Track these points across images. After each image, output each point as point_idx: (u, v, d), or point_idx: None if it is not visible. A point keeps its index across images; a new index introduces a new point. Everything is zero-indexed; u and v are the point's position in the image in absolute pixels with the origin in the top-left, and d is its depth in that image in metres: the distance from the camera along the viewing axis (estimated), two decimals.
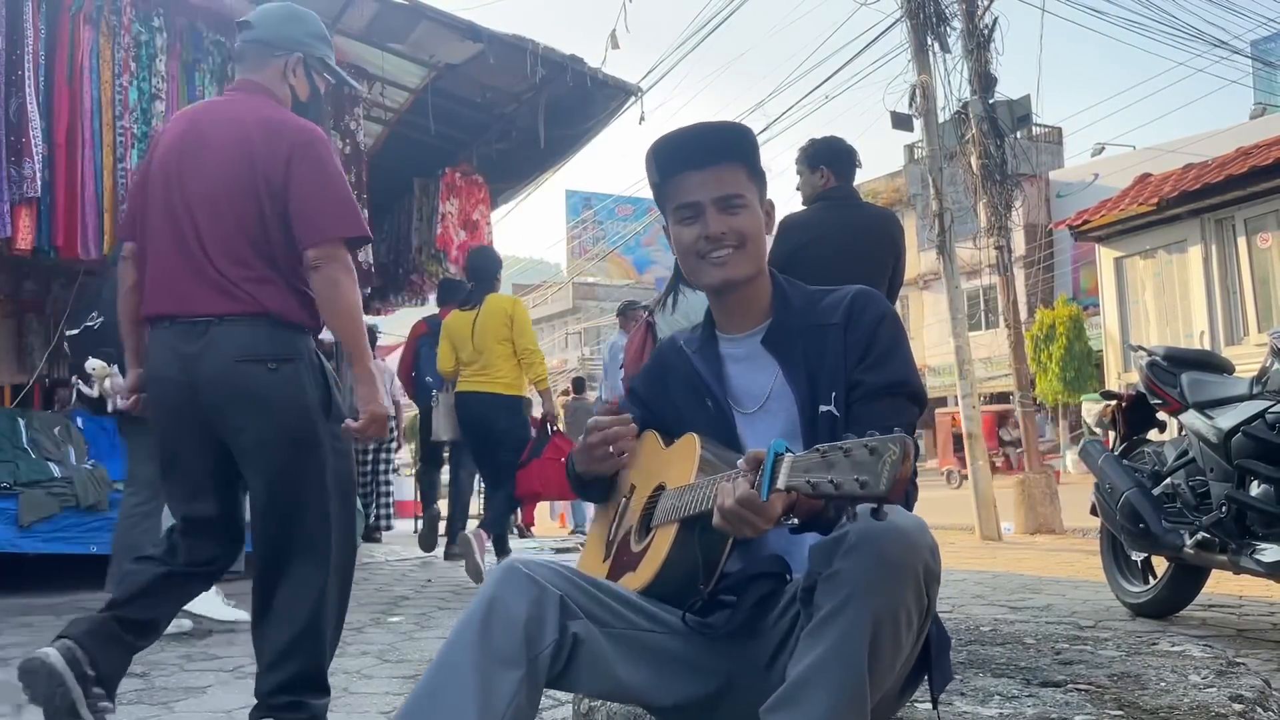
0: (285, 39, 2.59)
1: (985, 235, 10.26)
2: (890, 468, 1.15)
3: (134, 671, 3.20)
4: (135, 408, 2.61)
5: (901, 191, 28.25)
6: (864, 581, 1.29)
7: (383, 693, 2.90)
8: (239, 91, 2.57)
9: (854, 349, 1.63)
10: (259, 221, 2.37)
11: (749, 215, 1.69)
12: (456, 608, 4.65)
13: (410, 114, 7.42)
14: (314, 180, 2.39)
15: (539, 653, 1.40)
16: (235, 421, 2.34)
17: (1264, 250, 8.62)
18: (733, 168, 1.69)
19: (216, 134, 2.43)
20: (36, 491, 5.22)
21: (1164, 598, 4.01)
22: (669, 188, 1.72)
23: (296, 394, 2.37)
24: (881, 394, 1.60)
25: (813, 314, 1.70)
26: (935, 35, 9.73)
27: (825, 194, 4.23)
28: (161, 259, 2.41)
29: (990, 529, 9.03)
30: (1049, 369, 23.52)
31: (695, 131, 1.72)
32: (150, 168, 2.50)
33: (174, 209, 2.40)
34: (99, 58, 5.60)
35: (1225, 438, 3.45)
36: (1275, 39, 23.56)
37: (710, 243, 1.67)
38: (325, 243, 2.36)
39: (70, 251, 5.50)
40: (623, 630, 1.51)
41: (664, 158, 1.72)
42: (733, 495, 1.32)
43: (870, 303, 1.68)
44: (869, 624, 1.29)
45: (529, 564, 1.49)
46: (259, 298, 2.35)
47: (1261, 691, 1.89)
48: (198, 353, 2.33)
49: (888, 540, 1.31)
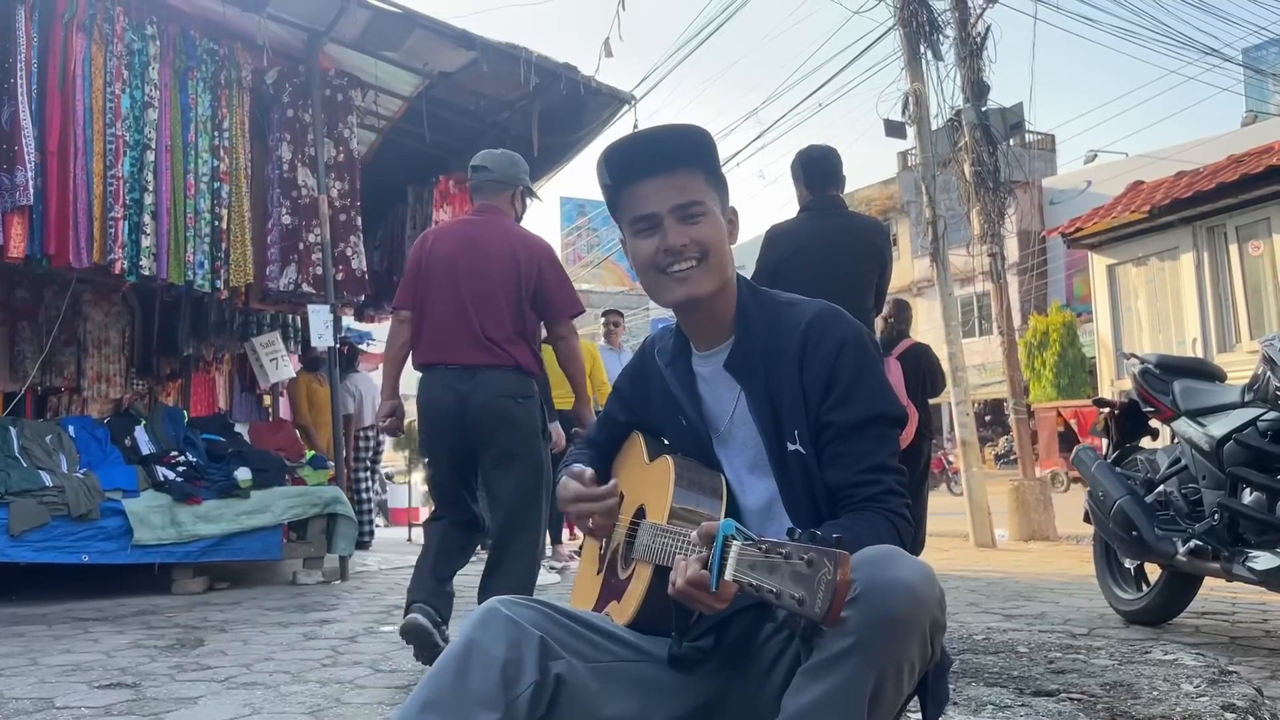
0: (511, 178, 3.67)
1: (979, 242, 10.29)
2: (825, 589, 1.10)
3: (124, 682, 3.19)
4: (392, 428, 3.67)
5: (895, 199, 28.31)
6: (869, 635, 1.24)
7: (375, 703, 2.88)
8: (490, 214, 3.62)
9: (814, 385, 1.53)
10: (517, 304, 3.45)
11: (710, 224, 1.58)
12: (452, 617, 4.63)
13: (404, 121, 7.41)
14: (557, 280, 3.55)
15: (517, 695, 1.37)
16: (492, 437, 3.39)
17: (1256, 258, 8.64)
18: (690, 173, 1.58)
19: (487, 244, 3.49)
20: (27, 500, 5.20)
21: (1157, 605, 4.01)
22: (623, 198, 1.61)
23: (532, 421, 3.49)
24: (853, 432, 1.51)
25: (774, 334, 1.60)
26: (928, 43, 9.76)
27: (809, 204, 4.23)
28: (441, 324, 3.45)
29: (985, 535, 9.04)
30: (1043, 376, 23.58)
31: (648, 135, 1.62)
32: (427, 260, 3.54)
33: (456, 291, 3.43)
34: (91, 65, 5.59)
35: (1217, 445, 3.45)
36: (1266, 47, 23.68)
37: (670, 255, 1.57)
38: (566, 320, 3.60)
39: (62, 259, 5.48)
40: (609, 664, 1.49)
41: (616, 164, 1.61)
42: (684, 575, 1.28)
43: (827, 330, 1.56)
44: (872, 676, 1.25)
45: (510, 604, 1.46)
46: (513, 354, 3.42)
47: (1253, 700, 1.89)
48: (469, 390, 3.38)
49: (895, 596, 1.25)
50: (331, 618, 4.65)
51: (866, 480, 1.48)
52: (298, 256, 6.32)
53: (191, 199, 5.95)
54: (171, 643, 3.98)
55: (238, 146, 6.21)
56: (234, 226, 6.12)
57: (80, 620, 4.64)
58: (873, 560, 1.29)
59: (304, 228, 6.34)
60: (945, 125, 10.06)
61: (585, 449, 1.91)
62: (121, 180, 5.63)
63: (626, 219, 1.62)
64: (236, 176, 6.18)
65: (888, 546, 1.34)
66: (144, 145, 5.75)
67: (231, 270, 6.09)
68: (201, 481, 5.87)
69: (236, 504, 5.78)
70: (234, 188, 6.16)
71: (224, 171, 6.11)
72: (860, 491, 1.48)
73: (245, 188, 6.22)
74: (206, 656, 3.67)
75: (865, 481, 1.48)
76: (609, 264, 40.70)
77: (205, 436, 6.44)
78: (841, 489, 1.50)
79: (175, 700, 2.95)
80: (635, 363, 1.86)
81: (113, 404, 8.49)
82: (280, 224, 6.33)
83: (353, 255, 6.62)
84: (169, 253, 5.82)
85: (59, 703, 2.94)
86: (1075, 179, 26.74)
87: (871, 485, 1.48)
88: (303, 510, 5.99)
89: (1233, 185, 8.39)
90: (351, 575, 6.28)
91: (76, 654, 3.76)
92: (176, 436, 6.30)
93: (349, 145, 6.69)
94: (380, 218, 8.38)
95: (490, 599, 1.48)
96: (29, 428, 5.84)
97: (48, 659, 3.66)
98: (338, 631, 4.23)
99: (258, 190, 6.40)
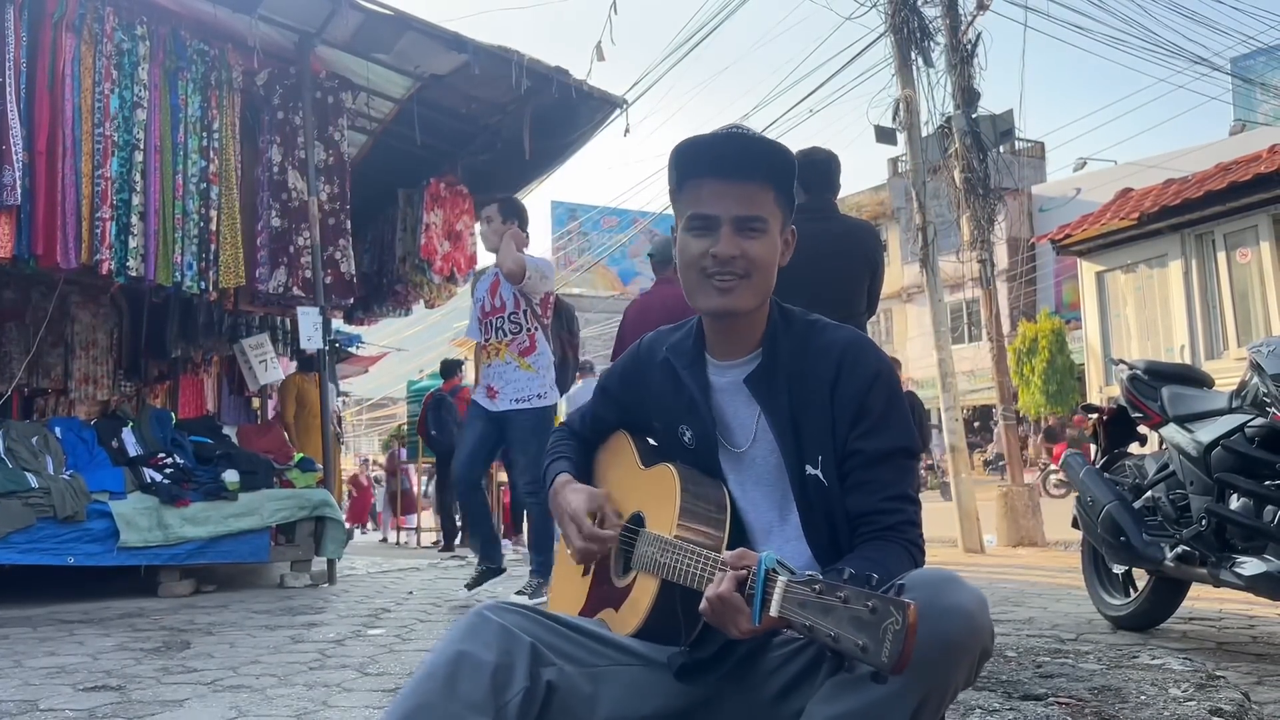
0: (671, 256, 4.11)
1: (968, 249, 10.32)
2: (894, 640, 1.07)
3: (109, 685, 3.17)
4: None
5: (885, 205, 28.39)
6: (920, 659, 1.18)
7: (362, 706, 2.87)
8: (669, 285, 4.37)
9: (844, 411, 1.53)
10: None
11: (766, 242, 1.55)
12: (438, 621, 4.62)
13: (395, 124, 7.40)
14: None
15: (507, 701, 1.36)
16: None
17: (1243, 265, 8.69)
18: (761, 187, 1.55)
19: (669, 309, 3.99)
20: (13, 502, 5.16)
21: (1144, 610, 4.02)
22: (687, 190, 1.58)
23: None
24: (880, 461, 1.51)
25: (802, 358, 1.58)
26: (919, 50, 9.80)
27: (802, 206, 4.23)
28: None
29: (973, 541, 9.06)
30: (1031, 382, 23.66)
31: (729, 137, 1.56)
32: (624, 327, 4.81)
33: None
34: (80, 65, 5.57)
35: (1205, 451, 3.46)
36: (1255, 56, 23.82)
37: (718, 263, 1.53)
38: None
39: (50, 260, 5.45)
40: (604, 668, 1.48)
41: (688, 157, 1.58)
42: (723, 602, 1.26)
43: (862, 358, 1.55)
44: (917, 699, 1.24)
45: (499, 610, 1.45)
46: None
47: (1240, 705, 1.89)
48: None
49: (953, 622, 1.23)
50: (319, 621, 4.62)
51: (889, 509, 1.48)
52: (287, 259, 6.30)
53: (180, 200, 5.92)
54: (157, 645, 3.95)
55: (228, 148, 6.19)
56: (223, 228, 6.09)
57: (65, 622, 4.61)
58: (931, 583, 1.28)
59: (293, 230, 6.32)
60: (936, 132, 10.10)
61: (569, 439, 1.87)
62: (110, 180, 5.60)
63: (685, 211, 1.58)
64: (226, 178, 6.16)
65: (944, 571, 1.33)
66: (133, 146, 5.73)
67: (220, 272, 6.06)
68: (189, 484, 5.83)
69: (224, 506, 5.75)
70: (223, 189, 6.13)
71: (213, 173, 6.09)
72: (882, 519, 1.48)
73: (235, 189, 6.20)
74: (193, 659, 3.65)
75: (888, 510, 1.48)
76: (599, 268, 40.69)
77: (193, 439, 6.41)
78: (864, 515, 1.50)
79: (161, 703, 2.93)
80: (628, 362, 1.81)
81: (100, 406, 8.45)
82: (270, 226, 6.31)
83: (342, 259, 6.60)
84: (157, 254, 5.79)
85: (43, 705, 2.91)
86: (1064, 186, 26.85)
87: (893, 514, 1.48)
88: (291, 513, 5.96)
89: (1221, 193, 8.44)
90: (339, 578, 6.25)
91: (61, 656, 3.73)
92: (164, 438, 6.27)
93: (339, 148, 6.67)
94: (370, 220, 8.37)
95: (478, 606, 1.48)
96: (15, 428, 5.80)
97: (32, 661, 3.63)
98: (325, 635, 4.21)
99: (247, 192, 6.37)
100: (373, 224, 8.45)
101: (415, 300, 8.42)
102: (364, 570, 7.13)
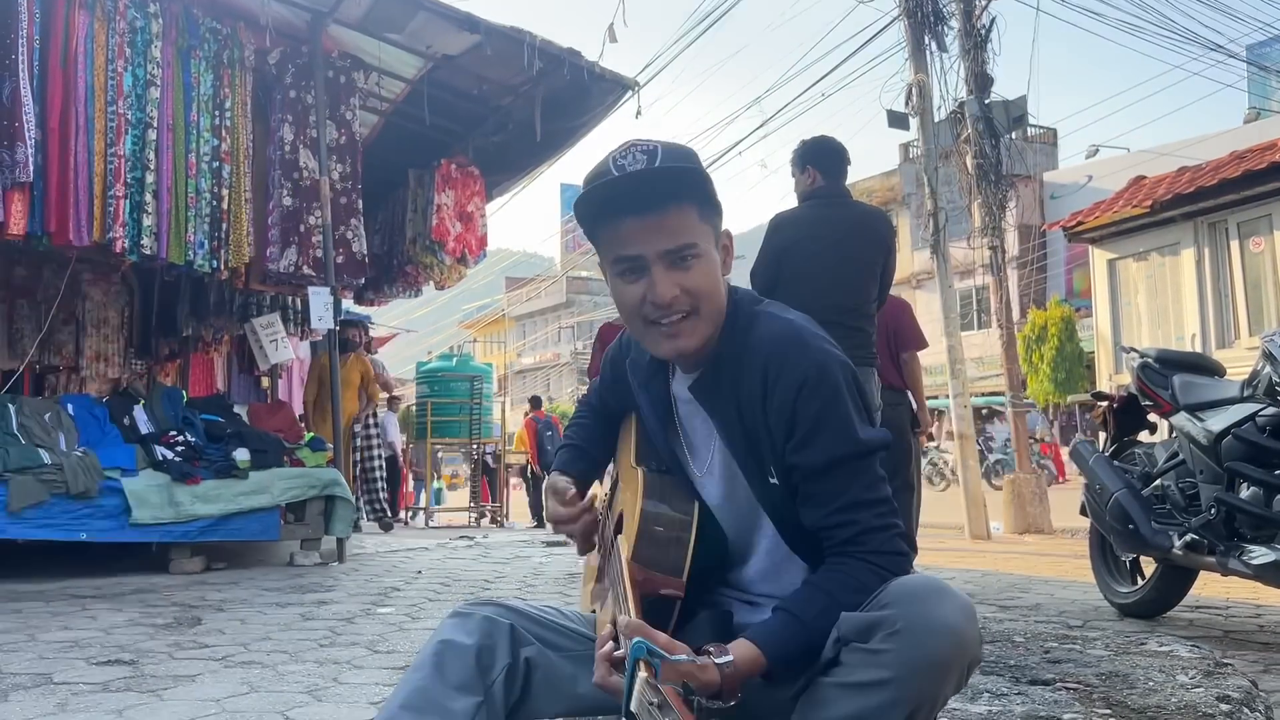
0: None
1: (979, 235, 10.29)
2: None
3: (122, 659, 3.20)
4: None
5: (896, 190, 28.29)
6: (908, 674, 1.21)
7: (373, 683, 2.89)
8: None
9: (778, 422, 1.42)
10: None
11: (703, 267, 1.41)
12: (447, 600, 4.64)
13: (406, 104, 7.39)
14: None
15: (493, 680, 1.40)
16: None
17: (1256, 254, 8.65)
18: (680, 210, 1.39)
19: None
20: (26, 478, 5.20)
21: (1151, 599, 4.03)
22: (603, 231, 1.43)
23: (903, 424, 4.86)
24: (821, 474, 1.40)
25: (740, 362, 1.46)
26: (932, 34, 9.75)
27: (814, 193, 4.24)
28: None
29: (980, 529, 9.07)
30: (1040, 370, 23.60)
31: (633, 176, 1.38)
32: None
33: None
34: (94, 43, 5.57)
35: (1215, 440, 3.46)
36: (1271, 44, 23.63)
37: (658, 309, 1.40)
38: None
39: (62, 237, 5.47)
40: (582, 651, 1.48)
41: (596, 200, 1.41)
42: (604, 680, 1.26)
43: (785, 366, 1.41)
44: (906, 710, 1.24)
45: (475, 605, 1.48)
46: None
47: (1248, 692, 1.90)
48: None
49: (938, 638, 1.22)
50: (329, 599, 4.66)
51: (840, 522, 1.39)
52: (298, 238, 6.31)
53: (193, 179, 5.93)
54: (169, 621, 3.98)
55: (239, 127, 6.19)
56: (234, 207, 6.11)
57: (78, 598, 4.65)
58: (916, 595, 1.26)
59: (304, 209, 6.33)
60: (948, 117, 10.06)
61: (584, 418, 1.84)
62: (122, 159, 5.61)
63: (608, 254, 1.44)
64: (237, 157, 6.17)
65: (930, 580, 1.31)
66: (145, 124, 5.73)
67: (231, 251, 6.08)
68: (200, 462, 5.87)
69: (235, 484, 5.78)
70: (235, 168, 6.14)
71: (225, 151, 6.10)
72: (837, 534, 1.40)
73: (246, 168, 6.21)
74: (204, 635, 3.68)
75: (839, 524, 1.39)
76: None
77: (204, 417, 6.44)
78: (818, 530, 1.42)
79: (173, 678, 2.96)
80: (614, 355, 1.74)
81: (111, 384, 8.49)
82: (281, 205, 6.32)
83: (353, 238, 6.61)
84: (169, 232, 5.81)
85: (57, 678, 2.94)
86: (1076, 174, 26.72)
87: (846, 527, 1.39)
88: (301, 492, 6.00)
89: (1235, 181, 8.40)
90: (349, 557, 6.29)
91: (75, 631, 3.76)
92: (175, 416, 6.30)
93: (351, 127, 6.67)
94: (380, 201, 8.37)
95: (457, 605, 1.51)
96: (28, 405, 5.84)
97: (46, 635, 3.67)
98: (335, 613, 4.24)
99: (259, 171, 6.38)
100: (383, 205, 8.45)
101: (425, 281, 8.43)
102: (373, 549, 7.17)
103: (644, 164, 1.38)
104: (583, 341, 44.67)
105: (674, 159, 1.40)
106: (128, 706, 2.61)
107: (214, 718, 2.51)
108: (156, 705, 2.64)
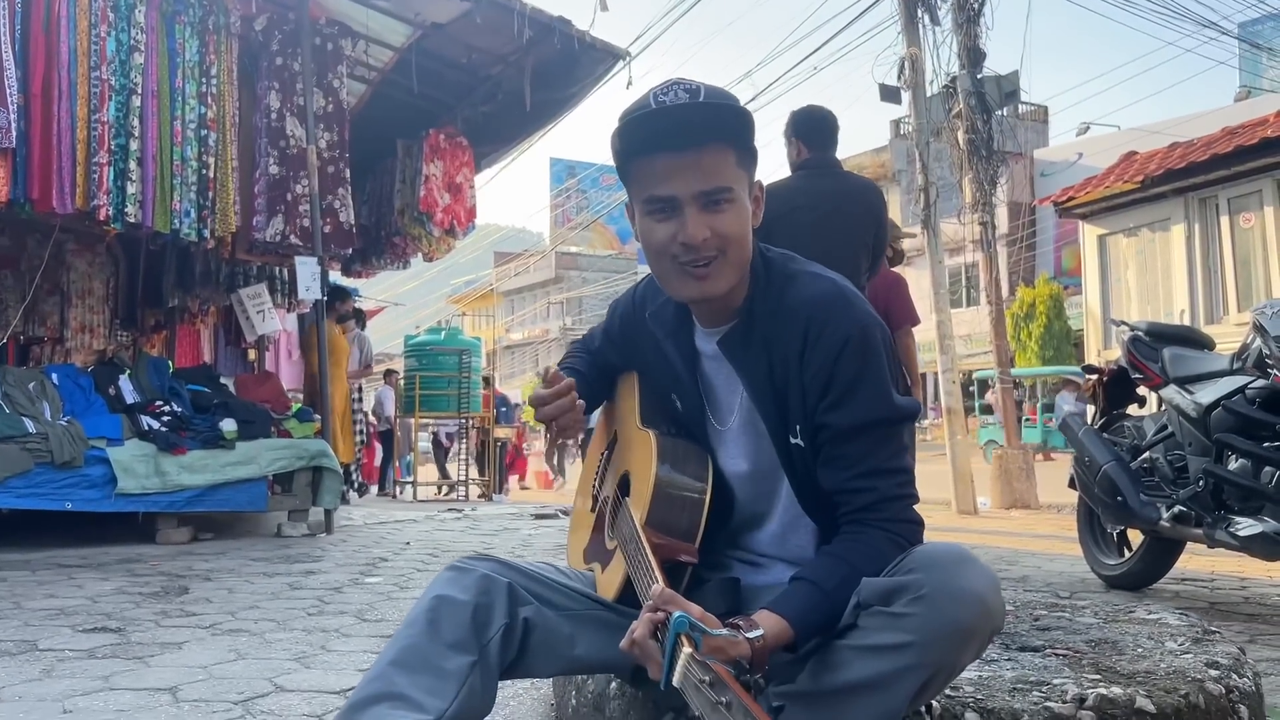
0: None
1: (969, 211, 10.28)
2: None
3: (109, 627, 3.19)
4: None
5: (886, 166, 28.23)
6: (932, 639, 1.21)
7: (361, 650, 2.89)
8: None
9: (814, 380, 1.40)
10: None
11: (735, 213, 1.39)
12: (434, 570, 4.63)
13: (394, 73, 7.30)
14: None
15: (489, 639, 1.37)
16: None
17: (1246, 230, 8.67)
18: (719, 151, 1.38)
19: None
20: (10, 447, 5.16)
21: (1138, 571, 4.05)
22: (637, 168, 1.41)
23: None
24: (851, 435, 1.39)
25: (776, 318, 1.45)
26: (925, 7, 9.70)
27: (804, 163, 4.20)
28: None
29: (967, 503, 9.12)
30: (1028, 347, 23.71)
31: (677, 109, 1.36)
32: None
33: None
34: (76, 6, 5.47)
35: (1205, 412, 3.47)
36: (1263, 21, 23.60)
37: (688, 249, 1.39)
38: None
39: (46, 205, 5.40)
40: (581, 611, 1.47)
41: (633, 134, 1.39)
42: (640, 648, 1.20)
43: (831, 320, 1.40)
44: (925, 675, 1.24)
45: (473, 560, 1.46)
46: None
47: (1237, 658, 1.90)
48: None
49: (965, 605, 1.21)
50: (317, 569, 4.65)
51: (860, 488, 1.39)
52: (285, 207, 6.24)
53: (178, 146, 5.86)
54: (156, 590, 3.97)
55: (225, 94, 6.11)
56: (221, 175, 6.04)
57: (64, 566, 4.63)
58: (942, 562, 1.26)
59: (291, 178, 6.26)
60: (940, 92, 10.02)
61: (583, 354, 1.79)
62: (107, 125, 5.53)
63: (639, 193, 1.42)
64: (224, 124, 6.09)
65: (956, 548, 1.31)
66: (130, 90, 5.65)
67: (218, 220, 6.01)
68: (186, 432, 5.83)
69: (222, 455, 5.75)
70: (221, 136, 6.06)
71: (211, 119, 6.02)
72: (855, 499, 1.39)
73: (232, 136, 6.13)
74: (191, 604, 3.67)
75: (859, 489, 1.39)
76: (598, 226, 40.55)
77: (190, 387, 6.39)
78: (835, 493, 1.41)
79: (160, 645, 2.94)
80: (625, 309, 1.71)
81: (96, 354, 8.42)
82: (268, 174, 6.25)
83: (341, 208, 6.55)
84: (155, 200, 5.74)
85: (43, 645, 2.93)
86: (1067, 151, 26.73)
87: (866, 493, 1.38)
88: (288, 463, 5.97)
89: (1226, 157, 8.41)
90: (337, 529, 6.28)
91: (60, 598, 3.75)
92: (161, 386, 6.25)
93: (338, 96, 6.59)
94: (368, 172, 8.29)
95: (454, 559, 1.48)
96: (12, 374, 5.79)
97: (31, 603, 3.65)
98: (323, 582, 4.23)
99: (245, 139, 6.31)
100: (371, 175, 8.37)
101: (413, 253, 8.37)
102: (361, 521, 7.16)
103: (685, 101, 1.36)
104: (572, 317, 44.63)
105: (717, 98, 1.38)
106: (114, 673, 2.60)
107: (201, 684, 2.50)
108: (143, 671, 2.63)
